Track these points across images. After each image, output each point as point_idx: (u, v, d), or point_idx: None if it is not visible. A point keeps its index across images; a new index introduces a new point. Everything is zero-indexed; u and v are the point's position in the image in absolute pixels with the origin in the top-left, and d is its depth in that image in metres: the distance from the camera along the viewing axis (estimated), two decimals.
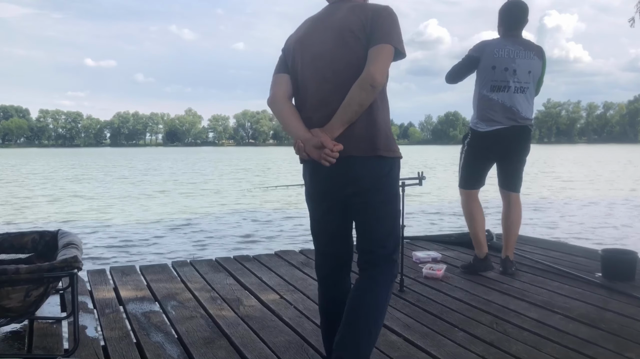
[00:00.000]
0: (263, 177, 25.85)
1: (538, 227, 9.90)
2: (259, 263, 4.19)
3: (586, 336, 2.62)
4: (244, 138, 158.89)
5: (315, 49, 1.99)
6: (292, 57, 2.05)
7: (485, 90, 3.70)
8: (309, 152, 1.94)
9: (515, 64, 3.63)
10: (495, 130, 3.68)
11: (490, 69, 3.66)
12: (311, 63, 1.99)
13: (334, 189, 2.00)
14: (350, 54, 1.92)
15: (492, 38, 3.79)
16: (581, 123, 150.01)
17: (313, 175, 2.05)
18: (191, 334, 2.66)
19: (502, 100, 3.66)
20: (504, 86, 3.65)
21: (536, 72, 3.72)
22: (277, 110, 2.05)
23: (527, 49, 3.68)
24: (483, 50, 3.69)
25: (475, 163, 3.86)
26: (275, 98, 2.05)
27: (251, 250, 7.69)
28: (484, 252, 3.89)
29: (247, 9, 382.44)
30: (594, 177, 23.82)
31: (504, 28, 3.73)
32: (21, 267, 2.27)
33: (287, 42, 2.11)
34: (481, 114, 3.73)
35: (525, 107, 3.71)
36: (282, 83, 2.06)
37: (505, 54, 3.64)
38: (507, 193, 3.89)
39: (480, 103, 3.74)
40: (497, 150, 3.76)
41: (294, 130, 1.99)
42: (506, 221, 3.90)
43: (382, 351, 2.45)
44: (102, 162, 46.01)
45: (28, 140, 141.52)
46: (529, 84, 3.70)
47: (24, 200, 15.30)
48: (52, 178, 25.29)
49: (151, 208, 13.45)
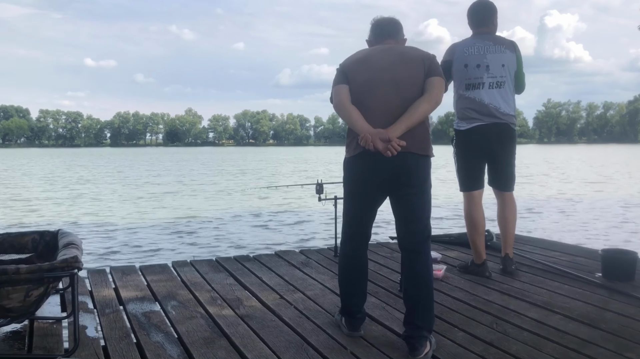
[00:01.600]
0: (263, 177, 25.85)
1: (538, 227, 9.90)
2: (259, 263, 4.19)
3: (586, 336, 2.62)
4: (244, 138, 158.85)
5: (380, 67, 2.55)
6: (353, 73, 2.58)
7: (461, 89, 3.77)
8: (375, 143, 2.38)
9: (486, 59, 3.69)
10: (475, 127, 3.73)
11: (463, 68, 3.72)
12: (376, 79, 2.53)
13: (391, 177, 2.47)
14: (413, 77, 2.52)
15: (461, 40, 3.86)
16: (581, 123, 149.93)
17: (372, 164, 2.47)
18: (191, 334, 2.66)
19: (478, 97, 3.70)
20: (478, 83, 3.70)
21: (511, 65, 3.73)
22: (346, 111, 2.54)
23: (497, 44, 3.72)
24: (453, 52, 3.78)
25: (466, 162, 3.88)
26: (343, 103, 2.55)
27: (251, 250, 7.69)
28: (482, 259, 3.86)
29: (247, 9, 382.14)
30: (594, 177, 23.82)
31: (472, 27, 3.82)
32: (21, 267, 2.26)
33: (347, 61, 2.64)
34: (460, 114, 3.81)
35: (503, 102, 3.71)
36: (344, 92, 2.57)
37: (475, 51, 3.71)
38: (500, 192, 3.90)
39: (458, 103, 3.83)
40: (483, 145, 3.77)
41: (363, 126, 2.45)
42: (502, 220, 3.90)
43: (382, 351, 2.45)
44: (102, 162, 46.02)
45: (28, 140, 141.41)
46: (505, 78, 3.70)
47: (23, 200, 15.31)
48: (52, 178, 25.30)
49: (151, 208, 13.46)
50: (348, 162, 2.61)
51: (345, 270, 2.71)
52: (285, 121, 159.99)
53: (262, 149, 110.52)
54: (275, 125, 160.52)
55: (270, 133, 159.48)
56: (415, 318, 2.48)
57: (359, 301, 2.69)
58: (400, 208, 2.56)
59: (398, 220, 2.59)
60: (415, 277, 2.53)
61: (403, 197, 2.52)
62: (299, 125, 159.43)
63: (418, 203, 2.53)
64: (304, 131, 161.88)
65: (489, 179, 3.94)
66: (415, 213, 2.53)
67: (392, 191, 2.55)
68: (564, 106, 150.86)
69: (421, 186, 2.51)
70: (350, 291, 2.69)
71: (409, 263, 2.57)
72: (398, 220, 2.59)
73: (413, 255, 2.55)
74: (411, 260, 2.56)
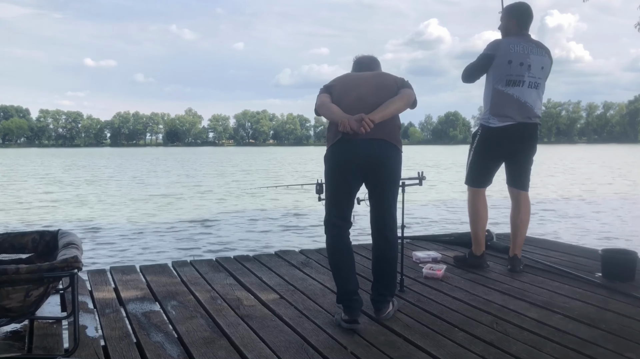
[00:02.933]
0: (263, 177, 25.84)
1: (538, 227, 9.91)
2: (259, 263, 4.19)
3: (586, 336, 2.62)
4: (244, 138, 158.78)
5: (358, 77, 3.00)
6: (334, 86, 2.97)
7: (500, 85, 3.75)
8: (351, 124, 2.71)
9: (529, 59, 3.73)
10: (506, 126, 3.73)
11: (507, 64, 3.72)
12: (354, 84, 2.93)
13: (366, 162, 2.79)
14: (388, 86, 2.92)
15: (504, 37, 3.88)
16: (581, 123, 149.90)
17: (349, 149, 2.79)
18: (191, 334, 2.66)
19: (516, 95, 3.72)
20: (519, 80, 3.72)
21: (547, 70, 3.83)
22: (326, 108, 2.90)
23: (539, 47, 3.80)
24: (498, 47, 3.77)
25: (484, 160, 3.90)
26: (323, 102, 2.93)
27: (251, 250, 7.69)
28: (481, 250, 3.96)
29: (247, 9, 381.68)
30: (595, 176, 23.83)
31: (518, 27, 3.82)
32: (21, 267, 2.26)
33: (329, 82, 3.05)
34: (494, 110, 3.78)
35: (537, 103, 3.79)
36: (325, 97, 2.95)
37: (520, 49, 3.73)
38: (517, 191, 3.91)
39: (493, 98, 3.79)
40: (507, 146, 3.80)
41: (341, 114, 2.80)
42: (515, 220, 3.92)
43: (382, 351, 2.45)
44: (102, 162, 46.02)
45: (28, 140, 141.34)
46: (542, 80, 3.80)
47: (24, 200, 15.31)
48: (52, 178, 25.30)
49: (151, 208, 13.46)
50: (328, 151, 2.90)
51: (333, 258, 2.93)
52: (285, 121, 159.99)
53: (262, 149, 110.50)
54: (275, 125, 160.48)
55: (270, 133, 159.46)
56: (381, 286, 2.93)
57: (354, 283, 2.89)
58: (375, 194, 2.92)
59: (372, 204, 2.95)
60: (382, 253, 2.93)
61: (377, 185, 2.88)
62: (299, 125, 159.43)
63: (388, 191, 2.89)
64: (304, 131, 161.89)
65: (507, 178, 3.95)
66: (385, 201, 2.90)
67: (367, 177, 2.86)
68: (564, 106, 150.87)
69: (392, 175, 2.87)
70: (342, 275, 2.90)
71: (377, 242, 2.95)
72: (372, 204, 2.95)
73: (381, 236, 2.92)
74: (379, 240, 2.93)
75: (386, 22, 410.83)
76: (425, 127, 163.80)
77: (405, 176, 3.28)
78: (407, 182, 3.35)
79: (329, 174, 2.91)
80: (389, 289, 2.94)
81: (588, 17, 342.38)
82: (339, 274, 2.90)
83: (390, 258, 2.92)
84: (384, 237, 2.91)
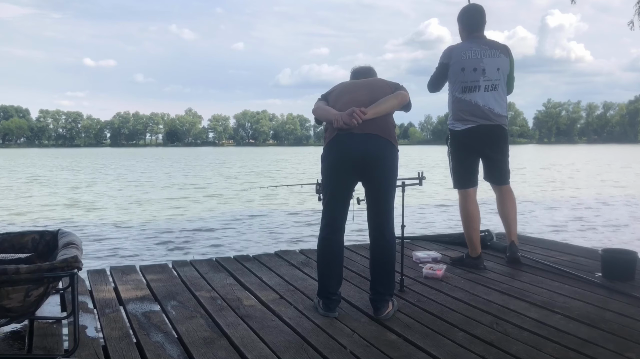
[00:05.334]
0: (264, 177, 25.84)
1: (539, 227, 9.90)
2: (259, 263, 4.19)
3: (586, 336, 2.62)
4: (244, 138, 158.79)
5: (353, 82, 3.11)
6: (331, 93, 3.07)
7: (457, 92, 3.89)
8: (344, 118, 2.78)
9: (483, 63, 3.83)
10: (469, 128, 3.89)
11: (460, 71, 3.85)
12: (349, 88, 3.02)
13: (362, 159, 2.81)
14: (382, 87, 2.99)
15: (457, 43, 3.97)
16: (581, 123, 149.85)
17: (344, 145, 2.83)
18: (191, 334, 2.66)
19: (474, 100, 3.85)
20: (474, 86, 3.84)
21: (504, 69, 3.90)
22: (321, 108, 2.99)
23: (492, 48, 3.88)
24: (450, 55, 3.90)
25: (461, 160, 4.01)
26: (320, 105, 3.03)
27: (251, 250, 7.69)
28: (477, 253, 4.02)
29: (247, 9, 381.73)
30: (596, 176, 23.82)
31: (467, 31, 3.94)
32: (21, 267, 2.26)
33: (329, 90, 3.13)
34: (456, 115, 3.94)
35: (497, 104, 3.89)
36: (322, 102, 3.07)
37: (472, 54, 3.84)
38: (497, 186, 4.08)
39: (454, 104, 3.94)
40: (476, 145, 3.93)
41: (333, 113, 2.87)
42: (502, 211, 4.09)
43: (382, 351, 2.45)
44: (103, 162, 46.01)
45: (28, 140, 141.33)
46: (500, 80, 3.88)
47: (24, 200, 15.30)
48: (52, 178, 25.30)
49: (151, 208, 13.46)
50: (324, 150, 2.95)
51: (322, 254, 2.98)
52: (285, 121, 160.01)
53: (262, 149, 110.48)
54: (275, 125, 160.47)
55: (270, 133, 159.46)
56: (379, 285, 2.92)
57: (335, 283, 2.96)
58: (370, 192, 2.93)
59: (368, 203, 2.96)
60: (379, 252, 2.94)
61: (372, 181, 2.89)
62: (298, 125, 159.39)
63: (384, 188, 2.89)
64: (304, 131, 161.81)
65: (485, 175, 4.11)
66: (381, 199, 2.90)
67: (363, 173, 2.88)
68: (564, 106, 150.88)
69: (387, 171, 2.87)
70: (327, 273, 2.97)
71: (374, 240, 2.95)
72: (368, 203, 2.96)
73: (378, 235, 2.93)
74: (377, 238, 2.94)
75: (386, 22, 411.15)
76: (425, 127, 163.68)
77: (405, 176, 3.29)
78: (407, 182, 3.35)
79: (326, 172, 2.94)
80: (387, 288, 2.94)
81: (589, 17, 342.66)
82: (323, 272, 2.98)
83: (388, 257, 2.93)
84: (381, 236, 2.93)
